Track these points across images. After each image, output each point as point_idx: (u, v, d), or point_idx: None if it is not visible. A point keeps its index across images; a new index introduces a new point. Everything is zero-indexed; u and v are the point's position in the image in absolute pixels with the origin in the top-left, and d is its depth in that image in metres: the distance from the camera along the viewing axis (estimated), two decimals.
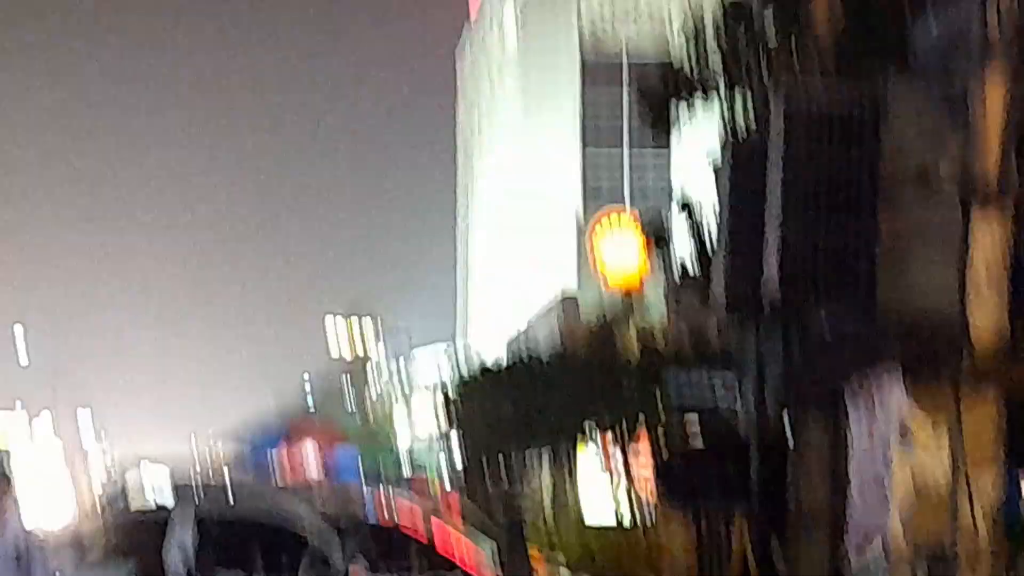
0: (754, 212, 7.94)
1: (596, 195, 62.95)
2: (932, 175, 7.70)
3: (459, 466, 34.98)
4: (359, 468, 29.45)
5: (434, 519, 14.41)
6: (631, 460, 28.22)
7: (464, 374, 33.91)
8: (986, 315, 7.54)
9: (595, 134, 64.01)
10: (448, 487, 20.27)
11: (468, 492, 23.35)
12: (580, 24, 65.23)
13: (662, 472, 23.64)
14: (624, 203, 61.18)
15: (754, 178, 8.01)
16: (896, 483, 7.60)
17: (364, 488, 15.57)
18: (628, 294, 34.53)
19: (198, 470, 16.60)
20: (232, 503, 13.73)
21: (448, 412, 33.41)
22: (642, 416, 27.50)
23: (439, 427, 35.32)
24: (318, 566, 11.19)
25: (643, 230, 25.11)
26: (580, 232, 51.31)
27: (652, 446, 26.42)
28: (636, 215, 33.64)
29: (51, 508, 26.96)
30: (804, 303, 7.86)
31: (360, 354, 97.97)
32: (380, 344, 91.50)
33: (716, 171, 8.78)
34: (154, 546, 13.51)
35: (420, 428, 50.57)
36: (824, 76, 9.14)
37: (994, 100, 7.57)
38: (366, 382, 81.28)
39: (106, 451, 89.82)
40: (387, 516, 13.99)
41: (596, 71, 63.70)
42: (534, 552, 20.53)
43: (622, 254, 47.45)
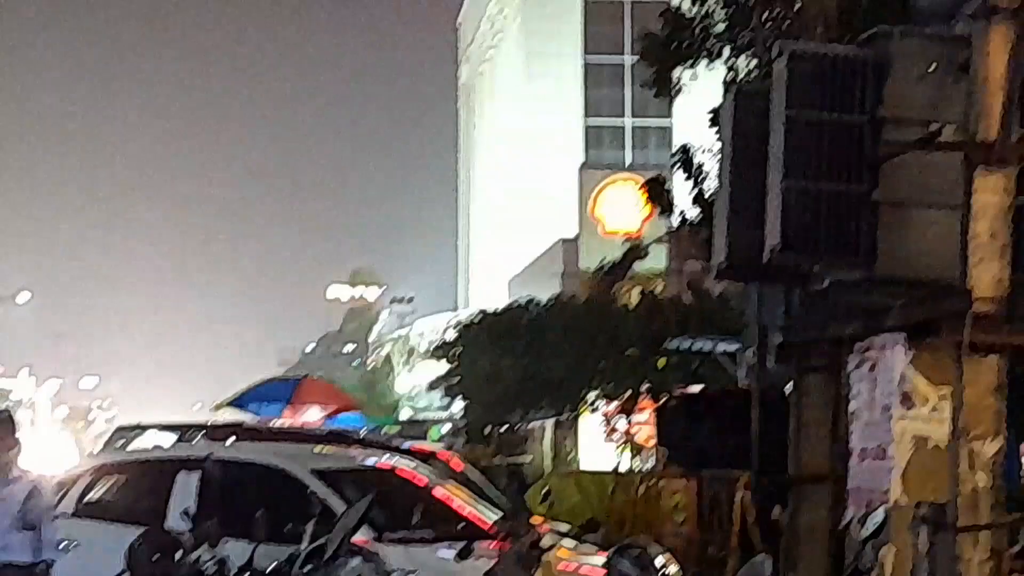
0: (756, 164, 7.90)
1: (598, 142, 63.56)
2: (935, 136, 7.67)
3: (462, 434, 35.07)
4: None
5: (438, 486, 14.42)
6: (632, 415, 28.26)
7: (463, 319, 33.95)
8: (989, 279, 7.50)
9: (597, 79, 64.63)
10: (451, 453, 20.28)
11: (470, 458, 23.44)
12: None
13: (662, 426, 23.76)
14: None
15: (757, 125, 7.96)
16: (897, 449, 7.57)
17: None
18: (629, 241, 34.52)
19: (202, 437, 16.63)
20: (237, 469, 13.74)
21: (449, 374, 33.44)
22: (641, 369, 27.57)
23: (442, 390, 35.38)
24: (323, 534, 11.19)
25: (643, 186, 25.11)
26: (581, 188, 51.38)
27: (652, 399, 26.51)
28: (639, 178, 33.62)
29: (55, 460, 27.12)
30: (806, 262, 7.83)
31: (364, 322, 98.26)
32: (384, 312, 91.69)
33: (720, 116, 8.72)
34: (157, 493, 13.52)
35: (423, 396, 50.67)
36: (828, 35, 9.10)
37: (998, 61, 7.52)
38: (368, 350, 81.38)
39: (111, 421, 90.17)
40: (392, 483, 14.00)
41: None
42: (537, 519, 20.50)
43: (623, 203, 47.59)
